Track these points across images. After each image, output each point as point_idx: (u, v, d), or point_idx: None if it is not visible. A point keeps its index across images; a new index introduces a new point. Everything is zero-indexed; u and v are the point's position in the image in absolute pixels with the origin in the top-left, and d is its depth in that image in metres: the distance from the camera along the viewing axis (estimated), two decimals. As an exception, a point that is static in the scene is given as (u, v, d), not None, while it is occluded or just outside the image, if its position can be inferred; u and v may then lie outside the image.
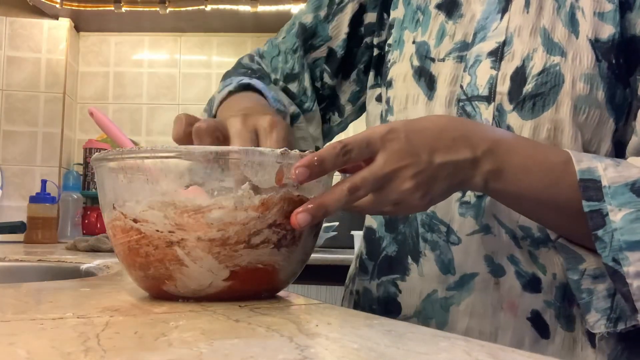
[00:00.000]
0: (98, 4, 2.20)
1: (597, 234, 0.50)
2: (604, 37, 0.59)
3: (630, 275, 0.49)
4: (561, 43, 0.59)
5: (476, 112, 0.61)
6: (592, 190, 0.51)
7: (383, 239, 0.69)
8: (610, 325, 0.54)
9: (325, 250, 1.86)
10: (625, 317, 0.54)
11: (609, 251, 0.50)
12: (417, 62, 0.68)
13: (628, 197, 0.50)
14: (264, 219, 0.46)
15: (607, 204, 0.50)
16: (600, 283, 0.55)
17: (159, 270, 0.46)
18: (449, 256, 0.62)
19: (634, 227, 0.49)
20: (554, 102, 0.58)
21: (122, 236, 0.47)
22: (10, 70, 2.27)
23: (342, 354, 0.31)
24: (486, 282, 0.61)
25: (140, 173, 0.46)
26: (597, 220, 0.50)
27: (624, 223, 0.49)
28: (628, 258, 0.49)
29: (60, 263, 1.11)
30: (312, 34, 0.78)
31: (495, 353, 0.32)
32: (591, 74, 0.58)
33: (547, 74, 0.59)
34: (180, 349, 0.31)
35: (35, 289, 0.59)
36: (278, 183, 0.46)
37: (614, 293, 0.54)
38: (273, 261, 0.47)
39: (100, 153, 0.49)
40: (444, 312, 0.62)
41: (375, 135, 0.48)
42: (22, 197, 2.17)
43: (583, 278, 0.55)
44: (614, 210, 0.50)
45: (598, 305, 0.55)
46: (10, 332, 0.35)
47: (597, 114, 0.58)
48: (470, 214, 0.61)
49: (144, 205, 0.46)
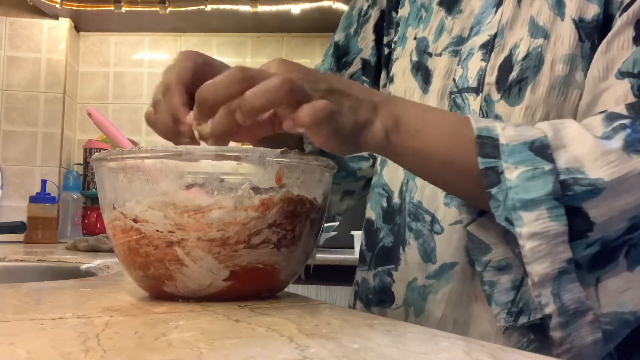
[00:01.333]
0: (98, 4, 2.20)
1: (491, 192, 0.48)
2: (589, 17, 0.58)
3: (523, 237, 0.47)
4: (545, 26, 0.60)
5: (465, 104, 0.62)
6: (488, 147, 0.49)
7: (381, 230, 0.69)
8: (511, 319, 0.53)
9: (325, 250, 1.86)
10: (528, 311, 0.53)
11: (502, 210, 0.48)
12: (416, 57, 0.69)
13: (525, 155, 0.48)
14: (264, 219, 0.46)
15: (503, 161, 0.48)
16: (503, 275, 0.53)
17: (159, 270, 0.46)
18: (432, 245, 0.62)
19: (530, 185, 0.47)
20: (532, 82, 0.58)
21: (122, 236, 0.47)
22: (10, 70, 2.27)
23: (342, 354, 0.31)
24: (465, 272, 0.60)
25: (140, 173, 0.46)
26: (492, 177, 0.48)
27: (520, 181, 0.47)
28: (522, 218, 0.47)
29: (60, 263, 1.12)
30: (345, 52, 0.79)
31: (495, 353, 0.32)
32: (572, 54, 0.58)
33: (530, 58, 0.59)
34: (180, 349, 0.31)
35: (35, 289, 0.59)
36: (278, 183, 0.46)
37: (520, 285, 0.53)
38: (273, 261, 0.47)
39: (100, 153, 0.49)
40: (422, 300, 0.62)
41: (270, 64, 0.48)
42: (22, 197, 2.17)
43: (486, 270, 0.54)
44: (509, 167, 0.48)
45: (499, 299, 0.53)
46: (10, 332, 0.35)
47: (577, 95, 0.58)
48: (454, 204, 0.61)
49: (144, 205, 0.46)
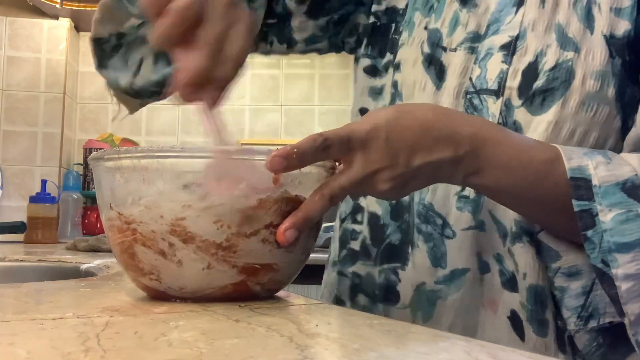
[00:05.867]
0: (98, 4, 2.20)
1: (587, 234, 0.50)
2: (619, 33, 0.58)
3: (619, 278, 0.48)
4: (575, 38, 0.59)
5: (483, 106, 0.61)
6: (582, 189, 0.50)
7: (388, 226, 0.68)
8: (581, 323, 0.54)
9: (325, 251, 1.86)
10: (598, 315, 0.54)
11: (597, 252, 0.49)
12: (428, 50, 0.67)
13: (619, 197, 0.49)
14: (261, 219, 0.46)
15: (597, 204, 0.49)
16: (574, 280, 0.55)
17: (155, 270, 0.46)
18: (442, 250, 0.62)
19: (624, 229, 0.49)
20: (562, 97, 0.58)
21: (118, 236, 0.47)
22: (10, 70, 2.27)
23: (342, 354, 0.31)
24: (475, 278, 0.60)
25: (136, 173, 0.46)
26: (587, 220, 0.50)
27: (614, 224, 0.49)
28: (617, 260, 0.48)
29: (60, 263, 1.11)
30: None
31: (495, 353, 0.32)
32: (603, 71, 0.58)
33: (559, 70, 0.58)
34: (180, 349, 0.31)
35: (35, 289, 0.59)
36: (275, 183, 0.46)
37: (590, 290, 0.54)
38: (272, 261, 0.47)
39: (97, 152, 0.49)
40: (430, 305, 0.62)
41: (357, 134, 0.48)
42: (22, 197, 2.17)
43: (556, 276, 0.55)
44: (604, 210, 0.49)
45: (569, 303, 0.55)
46: (10, 332, 0.35)
47: (606, 111, 0.58)
48: (467, 209, 0.61)
49: (140, 205, 0.45)
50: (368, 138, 0.48)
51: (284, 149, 0.45)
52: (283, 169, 0.45)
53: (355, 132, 0.48)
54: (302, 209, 0.47)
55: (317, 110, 2.50)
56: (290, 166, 0.45)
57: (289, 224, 0.46)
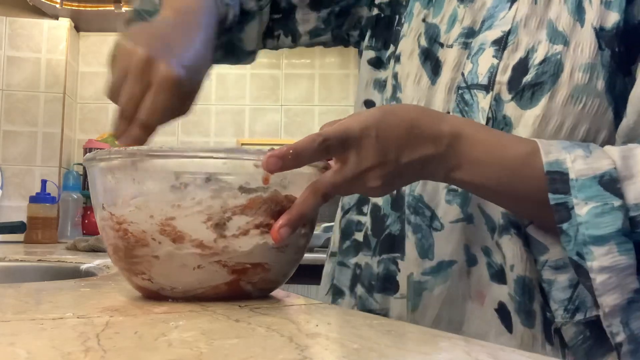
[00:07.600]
0: (98, 4, 2.20)
1: (562, 227, 0.50)
2: (609, 25, 0.58)
3: (594, 270, 0.48)
4: (565, 32, 0.59)
5: (474, 101, 0.61)
6: (558, 182, 0.50)
7: (388, 216, 0.68)
8: (567, 315, 0.55)
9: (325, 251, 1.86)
10: (584, 308, 0.54)
11: (573, 245, 0.50)
12: (425, 44, 0.67)
13: (595, 191, 0.49)
14: (251, 218, 0.46)
15: (573, 197, 0.50)
16: (561, 273, 0.55)
17: (146, 270, 0.46)
18: (430, 241, 0.62)
19: (599, 222, 0.49)
20: (550, 91, 0.58)
21: (111, 236, 0.47)
22: (10, 70, 2.27)
23: (342, 354, 0.31)
24: (462, 271, 0.61)
25: (127, 173, 0.46)
26: (563, 213, 0.50)
27: (590, 217, 0.49)
28: (592, 252, 0.48)
29: (60, 263, 1.11)
30: None
31: (495, 353, 0.32)
32: (592, 63, 0.58)
33: (548, 63, 0.59)
34: (180, 349, 0.31)
35: (35, 289, 0.59)
36: (265, 183, 0.46)
37: (577, 284, 0.54)
38: (262, 261, 0.47)
39: (91, 153, 0.49)
40: (417, 296, 0.62)
41: (352, 133, 0.49)
42: (22, 197, 2.17)
43: (544, 269, 0.56)
44: (579, 203, 0.49)
45: (557, 296, 0.55)
46: (10, 332, 0.35)
47: (596, 104, 0.58)
48: (456, 202, 0.61)
49: (131, 205, 0.45)
50: (362, 137, 0.49)
51: (279, 150, 0.46)
52: (279, 169, 0.46)
53: (350, 130, 0.49)
54: (295, 206, 0.48)
55: (317, 110, 2.50)
56: (286, 166, 0.46)
57: (283, 222, 0.47)
